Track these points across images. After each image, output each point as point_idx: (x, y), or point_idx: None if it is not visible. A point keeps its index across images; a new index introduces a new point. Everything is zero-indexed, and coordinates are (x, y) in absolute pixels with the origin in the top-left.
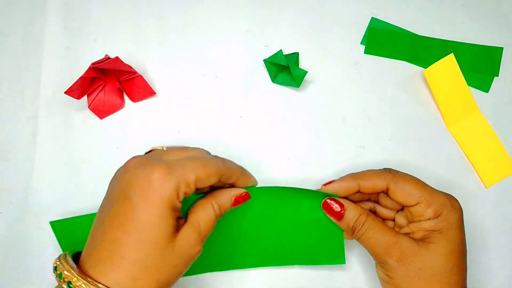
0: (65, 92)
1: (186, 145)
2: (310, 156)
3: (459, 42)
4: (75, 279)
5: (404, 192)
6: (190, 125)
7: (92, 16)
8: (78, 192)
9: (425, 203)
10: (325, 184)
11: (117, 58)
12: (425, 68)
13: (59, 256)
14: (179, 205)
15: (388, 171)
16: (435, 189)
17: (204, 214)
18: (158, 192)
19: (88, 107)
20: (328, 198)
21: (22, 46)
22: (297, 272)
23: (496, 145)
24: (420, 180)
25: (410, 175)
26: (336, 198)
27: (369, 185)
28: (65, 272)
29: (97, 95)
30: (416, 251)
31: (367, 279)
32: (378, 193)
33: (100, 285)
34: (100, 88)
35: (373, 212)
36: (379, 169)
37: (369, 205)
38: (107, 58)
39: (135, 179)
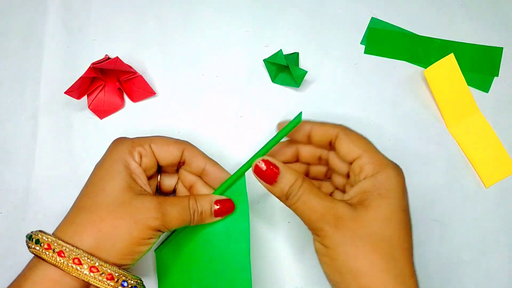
0: (65, 92)
1: None
2: None
3: (459, 42)
4: (37, 233)
5: (350, 143)
6: (190, 125)
7: (92, 16)
8: (78, 192)
9: (367, 157)
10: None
11: (117, 58)
12: (425, 68)
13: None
14: (133, 163)
15: (339, 124)
16: (381, 152)
17: (177, 199)
18: (113, 153)
19: (88, 107)
20: (259, 160)
21: (22, 46)
22: (295, 272)
23: (496, 145)
24: (367, 139)
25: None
26: (270, 159)
27: (320, 131)
28: (34, 233)
29: (97, 95)
30: (353, 216)
31: None
32: (325, 147)
33: (51, 236)
34: (100, 88)
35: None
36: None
37: (303, 168)
38: (107, 58)
39: (105, 152)
